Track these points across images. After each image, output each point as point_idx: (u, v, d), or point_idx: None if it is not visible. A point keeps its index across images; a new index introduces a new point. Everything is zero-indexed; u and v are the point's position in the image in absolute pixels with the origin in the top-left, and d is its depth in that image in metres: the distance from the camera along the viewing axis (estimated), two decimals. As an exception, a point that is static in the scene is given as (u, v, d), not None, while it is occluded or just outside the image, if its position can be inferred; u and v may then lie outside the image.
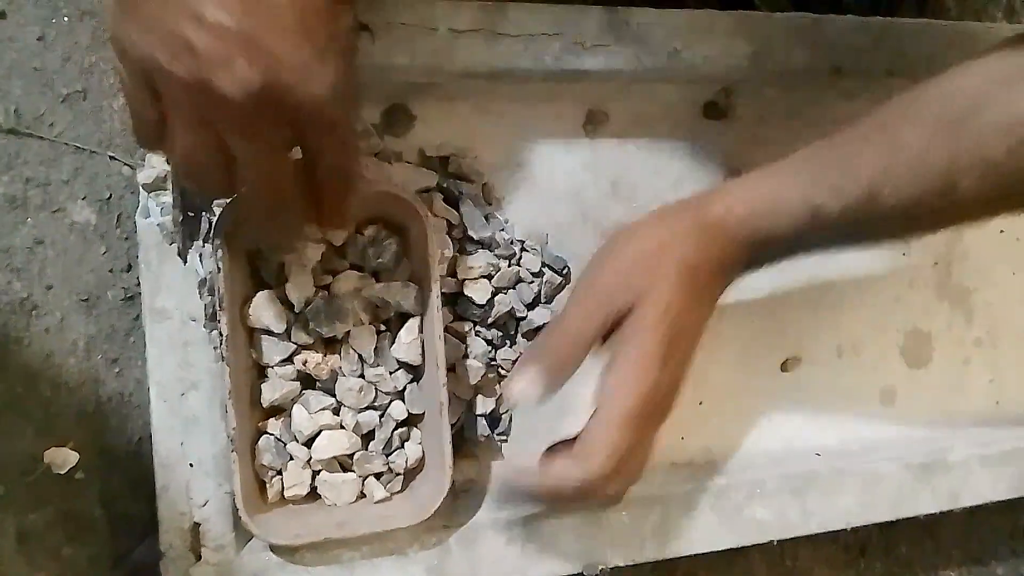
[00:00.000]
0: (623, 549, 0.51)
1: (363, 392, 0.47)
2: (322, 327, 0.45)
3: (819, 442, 0.60)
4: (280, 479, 0.46)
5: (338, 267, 0.47)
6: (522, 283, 0.52)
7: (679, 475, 0.55)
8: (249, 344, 0.46)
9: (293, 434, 0.46)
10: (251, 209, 0.38)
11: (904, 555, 0.67)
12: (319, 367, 0.46)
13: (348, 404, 0.47)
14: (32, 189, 0.48)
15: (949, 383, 0.64)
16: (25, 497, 0.47)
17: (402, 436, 0.48)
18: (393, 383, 0.47)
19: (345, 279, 0.47)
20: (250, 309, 0.45)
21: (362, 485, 0.48)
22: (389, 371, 0.47)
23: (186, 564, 0.44)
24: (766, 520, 0.54)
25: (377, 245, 0.47)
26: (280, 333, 0.45)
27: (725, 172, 0.59)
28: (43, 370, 0.48)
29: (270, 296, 0.45)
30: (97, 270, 0.49)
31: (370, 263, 0.47)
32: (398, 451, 0.48)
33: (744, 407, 0.59)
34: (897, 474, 0.57)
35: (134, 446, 0.49)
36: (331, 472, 0.47)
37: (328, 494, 0.47)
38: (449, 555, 0.48)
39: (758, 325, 0.59)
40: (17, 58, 0.48)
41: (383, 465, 0.48)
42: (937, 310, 0.64)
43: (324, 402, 0.46)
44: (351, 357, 0.47)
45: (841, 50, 0.56)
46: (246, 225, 0.42)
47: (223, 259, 0.42)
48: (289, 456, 0.46)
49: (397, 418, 0.48)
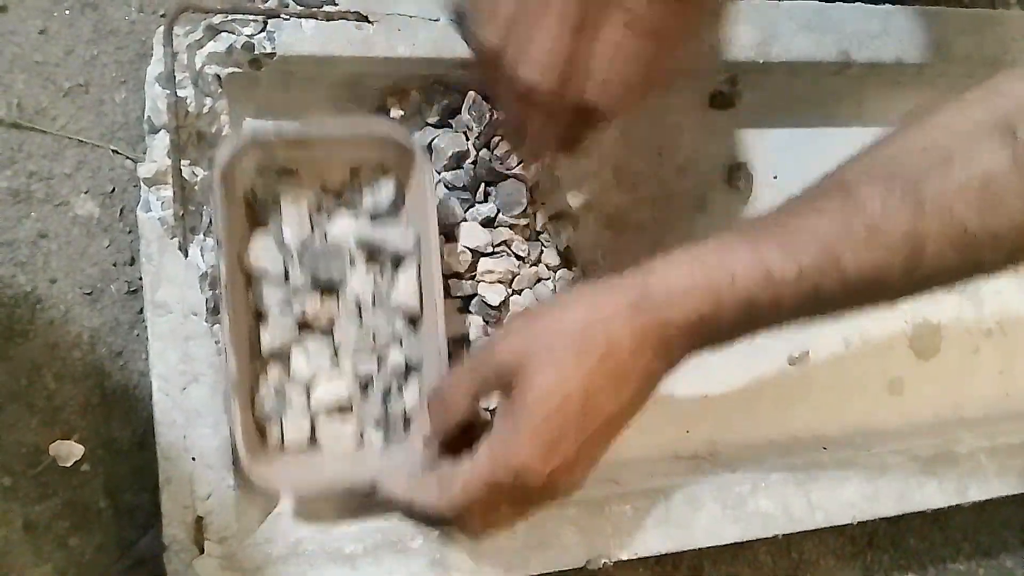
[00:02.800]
0: (626, 542, 0.51)
1: (361, 339, 0.47)
2: (319, 270, 0.45)
3: (825, 434, 0.59)
4: (280, 427, 0.46)
5: (335, 211, 0.47)
6: (541, 282, 0.53)
7: (683, 467, 0.55)
8: (247, 290, 0.46)
9: (292, 380, 0.46)
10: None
11: (912, 547, 0.67)
12: (317, 313, 0.46)
13: (347, 351, 0.47)
14: (35, 183, 0.48)
15: (958, 374, 0.63)
16: (31, 488, 0.48)
17: (401, 384, 0.48)
18: (392, 330, 0.47)
19: (342, 221, 0.47)
20: (248, 252, 0.45)
21: (362, 432, 0.48)
22: (388, 318, 0.47)
23: (189, 557, 0.44)
24: (771, 513, 0.53)
25: (375, 189, 0.47)
26: (278, 278, 0.46)
27: (731, 162, 0.59)
28: (48, 363, 0.48)
29: (268, 239, 0.46)
30: (100, 263, 0.49)
31: (368, 207, 0.47)
32: (397, 398, 0.48)
33: (749, 399, 0.59)
34: (904, 467, 0.56)
35: (139, 438, 0.49)
36: (330, 419, 0.47)
37: (328, 441, 0.47)
38: (451, 548, 0.48)
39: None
40: (19, 51, 0.48)
41: (382, 412, 0.48)
42: (946, 300, 0.63)
43: (323, 348, 0.46)
44: (349, 303, 0.47)
45: (849, 37, 0.55)
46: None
47: (220, 199, 0.42)
48: (289, 403, 0.46)
49: (396, 365, 0.48)
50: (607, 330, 0.38)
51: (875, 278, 0.37)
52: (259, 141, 0.44)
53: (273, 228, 0.46)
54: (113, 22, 0.49)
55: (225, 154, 0.42)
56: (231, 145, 0.42)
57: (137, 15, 0.50)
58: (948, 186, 0.36)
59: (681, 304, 0.38)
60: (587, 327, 0.39)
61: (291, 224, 0.46)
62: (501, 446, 0.39)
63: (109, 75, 0.50)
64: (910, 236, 0.36)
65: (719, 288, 0.38)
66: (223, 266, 0.42)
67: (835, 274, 0.37)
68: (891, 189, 0.37)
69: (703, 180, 0.58)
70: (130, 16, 0.50)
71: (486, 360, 0.41)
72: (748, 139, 0.58)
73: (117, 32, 0.50)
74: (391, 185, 0.47)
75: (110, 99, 0.50)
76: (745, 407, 0.59)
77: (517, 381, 0.39)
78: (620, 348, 0.38)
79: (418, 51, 0.48)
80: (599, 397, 0.39)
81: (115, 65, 0.50)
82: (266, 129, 0.43)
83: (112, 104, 0.50)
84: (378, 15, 0.47)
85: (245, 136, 0.43)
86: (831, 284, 0.38)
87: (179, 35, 0.45)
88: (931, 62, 0.56)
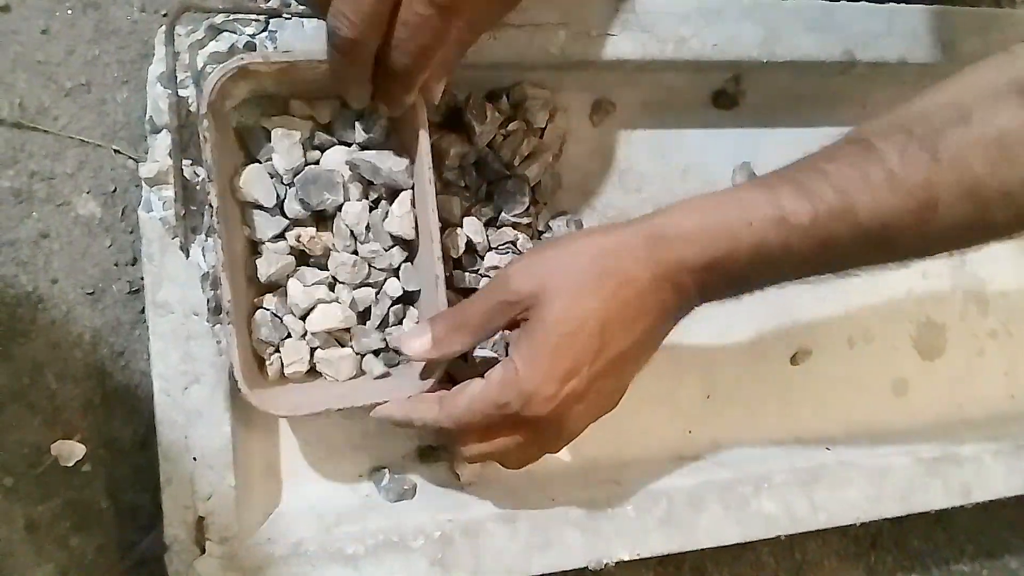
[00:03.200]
0: (628, 542, 0.50)
1: (357, 267, 0.47)
2: (311, 199, 0.45)
3: (828, 435, 0.59)
4: (279, 356, 0.47)
5: (326, 143, 0.47)
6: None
7: (685, 468, 0.55)
8: (242, 220, 0.46)
9: (290, 308, 0.46)
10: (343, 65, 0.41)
11: (915, 548, 0.67)
12: (312, 242, 0.46)
13: (343, 280, 0.47)
14: (37, 183, 0.48)
15: (962, 375, 0.63)
16: (33, 488, 0.48)
17: (398, 314, 0.48)
18: (388, 260, 0.48)
19: (334, 152, 0.47)
20: (240, 182, 0.45)
21: (360, 362, 0.48)
22: (384, 247, 0.47)
23: (191, 557, 0.44)
24: (773, 514, 0.53)
25: (366, 119, 0.47)
26: (271, 208, 0.46)
27: (734, 162, 0.59)
28: (49, 362, 0.48)
29: (259, 169, 0.46)
30: (102, 263, 0.49)
31: (359, 137, 0.47)
32: (395, 327, 0.48)
33: (752, 399, 0.58)
34: (908, 468, 0.56)
35: (140, 438, 0.49)
36: (328, 349, 0.47)
37: (327, 370, 0.47)
38: (452, 548, 0.48)
39: (767, 316, 0.59)
40: (21, 51, 0.48)
41: (380, 341, 0.48)
42: (951, 300, 0.63)
43: (320, 276, 0.47)
44: (343, 232, 0.47)
45: (853, 36, 0.54)
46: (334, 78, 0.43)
47: (210, 130, 0.42)
48: (287, 331, 0.47)
49: (392, 295, 0.48)
50: (624, 262, 0.40)
51: (888, 227, 0.38)
52: (248, 69, 0.43)
53: (264, 158, 0.46)
54: (115, 22, 0.49)
55: (214, 82, 0.42)
56: (220, 73, 0.42)
57: (139, 15, 0.50)
58: (965, 140, 0.37)
59: (696, 242, 0.39)
60: (604, 257, 0.40)
61: (282, 153, 0.45)
62: (512, 370, 0.40)
63: (111, 75, 0.49)
64: (925, 186, 0.37)
65: (734, 230, 0.39)
66: (213, 194, 0.42)
67: (849, 220, 0.38)
68: (909, 140, 0.38)
69: (707, 180, 0.58)
70: (132, 16, 0.50)
71: (502, 286, 0.41)
72: (752, 138, 0.58)
73: (119, 32, 0.49)
74: (381, 114, 0.47)
75: (112, 99, 0.50)
76: (748, 407, 0.58)
77: (533, 308, 0.40)
78: (636, 280, 0.40)
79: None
80: (614, 327, 0.40)
81: (117, 65, 0.49)
82: (254, 56, 0.42)
83: (114, 104, 0.50)
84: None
85: (234, 64, 0.42)
86: (845, 231, 0.38)
87: (181, 35, 0.44)
88: (936, 62, 0.56)
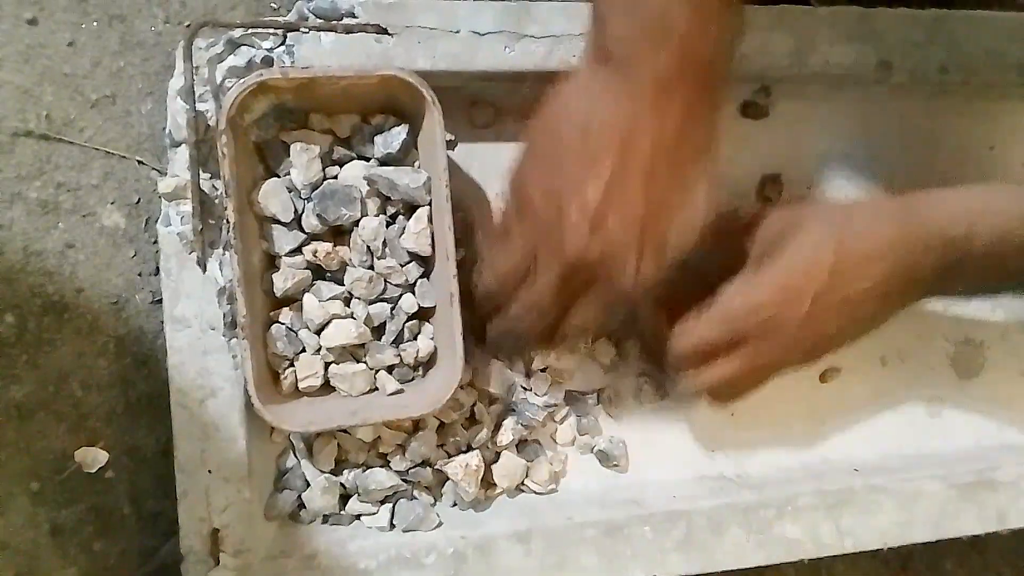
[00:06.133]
0: (645, 564, 0.50)
1: (372, 283, 0.47)
2: (329, 214, 0.45)
3: (858, 456, 0.57)
4: (293, 370, 0.47)
5: (345, 158, 0.47)
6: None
7: (707, 488, 0.53)
8: (260, 234, 0.46)
9: (305, 322, 0.47)
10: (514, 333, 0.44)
11: (949, 572, 0.65)
12: (329, 257, 0.46)
13: (358, 295, 0.47)
14: (63, 194, 0.49)
15: (1001, 396, 0.61)
16: (58, 494, 0.49)
17: (413, 329, 0.49)
18: (404, 275, 0.47)
19: (352, 167, 0.47)
20: (258, 196, 0.45)
21: (375, 378, 0.48)
22: (400, 263, 0.47)
23: (205, 568, 0.45)
24: (797, 538, 0.52)
25: (385, 133, 0.47)
26: (288, 222, 0.46)
27: (763, 173, 0.57)
28: (74, 371, 0.49)
29: (278, 184, 0.46)
30: (126, 273, 0.50)
31: (378, 152, 0.47)
32: (410, 343, 0.48)
33: (778, 418, 0.57)
34: (940, 492, 0.54)
35: (162, 446, 0.50)
36: (343, 364, 0.47)
37: (341, 385, 0.48)
38: (465, 565, 0.47)
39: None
40: (48, 64, 0.49)
41: (395, 357, 0.48)
42: (991, 318, 0.61)
43: (335, 291, 0.47)
44: (360, 247, 0.47)
45: (890, 44, 0.52)
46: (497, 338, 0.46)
47: (228, 145, 0.42)
48: (302, 345, 0.47)
49: (408, 311, 0.48)
50: (869, 217, 0.43)
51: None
52: (268, 84, 0.43)
53: (283, 172, 0.46)
54: (139, 34, 0.50)
55: (233, 97, 0.42)
56: (239, 89, 0.42)
57: (163, 26, 0.50)
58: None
59: (947, 215, 0.42)
60: (853, 207, 0.45)
61: (300, 167, 0.45)
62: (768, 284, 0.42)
63: (135, 87, 0.50)
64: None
65: (975, 215, 0.42)
66: (231, 209, 0.42)
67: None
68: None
69: (735, 191, 0.57)
70: (156, 28, 0.50)
71: (760, 221, 0.45)
72: (782, 150, 0.56)
73: (143, 44, 0.50)
74: (403, 130, 0.47)
75: (136, 110, 0.50)
76: (773, 426, 0.57)
77: (780, 243, 0.43)
78: (881, 233, 0.42)
79: (438, 64, 0.47)
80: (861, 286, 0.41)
81: (141, 77, 0.50)
82: (274, 72, 0.43)
83: (138, 115, 0.50)
84: (397, 28, 0.46)
85: (253, 79, 0.42)
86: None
87: (200, 49, 0.45)
88: (980, 71, 0.53)
